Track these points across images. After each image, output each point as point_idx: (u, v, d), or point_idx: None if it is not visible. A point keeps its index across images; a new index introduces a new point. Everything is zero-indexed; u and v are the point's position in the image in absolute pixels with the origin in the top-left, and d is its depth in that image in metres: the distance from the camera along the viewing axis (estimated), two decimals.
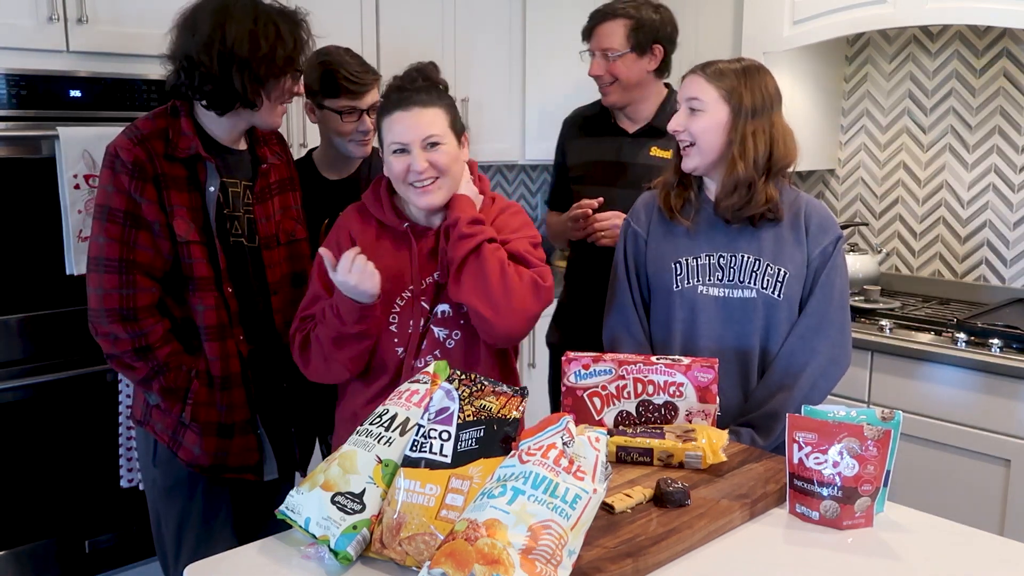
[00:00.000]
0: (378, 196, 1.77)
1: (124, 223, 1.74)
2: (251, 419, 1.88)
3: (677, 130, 1.80)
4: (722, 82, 1.76)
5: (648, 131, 2.36)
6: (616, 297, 1.93)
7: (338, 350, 1.68)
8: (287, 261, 1.95)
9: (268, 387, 1.93)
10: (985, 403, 2.45)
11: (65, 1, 2.25)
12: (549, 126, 2.72)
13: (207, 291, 1.80)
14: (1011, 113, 2.91)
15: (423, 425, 1.34)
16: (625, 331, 1.90)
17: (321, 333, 1.68)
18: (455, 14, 3.18)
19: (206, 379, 1.82)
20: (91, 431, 2.40)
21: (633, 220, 1.94)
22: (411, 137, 1.65)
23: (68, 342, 2.34)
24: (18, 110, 2.22)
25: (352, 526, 1.25)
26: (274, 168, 1.95)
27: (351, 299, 1.62)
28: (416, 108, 1.66)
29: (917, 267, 3.19)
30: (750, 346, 1.82)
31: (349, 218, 1.80)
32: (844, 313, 1.83)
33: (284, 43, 1.74)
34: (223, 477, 1.89)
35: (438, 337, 1.74)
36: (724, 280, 1.82)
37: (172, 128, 1.78)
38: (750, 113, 1.74)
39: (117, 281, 1.74)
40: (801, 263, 1.80)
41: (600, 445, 1.21)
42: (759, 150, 1.74)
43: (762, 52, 2.93)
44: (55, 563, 2.40)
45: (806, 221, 1.81)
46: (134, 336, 1.75)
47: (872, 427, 1.35)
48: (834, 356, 1.80)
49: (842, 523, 1.38)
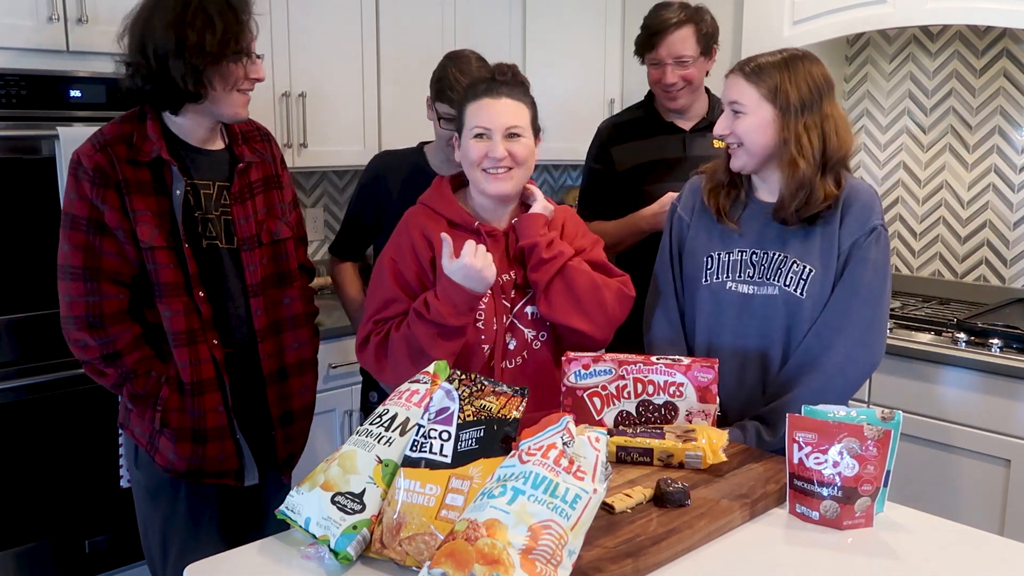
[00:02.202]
0: (444, 196, 1.79)
1: (87, 231, 1.73)
2: (228, 424, 1.85)
3: (723, 133, 1.77)
4: (763, 80, 1.71)
5: (706, 125, 2.42)
6: (658, 279, 1.93)
7: (437, 347, 1.65)
8: (270, 262, 1.91)
9: (247, 391, 1.90)
10: (985, 403, 2.45)
11: (65, 1, 2.25)
12: (549, 126, 2.71)
13: (174, 296, 1.77)
14: (1011, 113, 2.91)
15: (423, 425, 1.34)
16: (665, 326, 1.89)
17: (418, 331, 1.65)
18: (455, 14, 3.18)
19: (176, 385, 1.80)
20: (90, 431, 2.40)
21: (680, 205, 1.93)
22: (496, 123, 1.70)
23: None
24: (18, 110, 2.21)
25: (352, 526, 1.25)
26: (254, 166, 1.91)
27: (465, 288, 1.63)
28: (504, 98, 1.72)
29: (917, 267, 3.19)
30: (772, 345, 1.78)
31: (416, 217, 1.79)
32: (871, 310, 1.73)
33: (214, 28, 1.69)
34: (203, 482, 1.87)
35: (527, 338, 1.78)
36: (754, 277, 1.79)
37: (137, 132, 1.76)
38: (799, 109, 1.69)
39: (83, 289, 1.73)
40: (832, 257, 1.74)
41: (600, 445, 1.21)
42: (814, 145, 1.69)
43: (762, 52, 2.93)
44: (54, 563, 2.40)
45: (844, 209, 1.74)
46: (102, 343, 1.74)
47: (872, 427, 1.35)
48: (851, 355, 1.71)
49: (842, 523, 1.38)
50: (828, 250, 1.74)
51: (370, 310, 1.76)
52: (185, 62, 1.69)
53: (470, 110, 1.73)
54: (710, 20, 2.40)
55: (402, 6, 3.03)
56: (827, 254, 1.74)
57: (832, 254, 1.74)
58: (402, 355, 1.69)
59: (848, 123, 1.76)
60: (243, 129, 1.93)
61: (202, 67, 1.70)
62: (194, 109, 1.78)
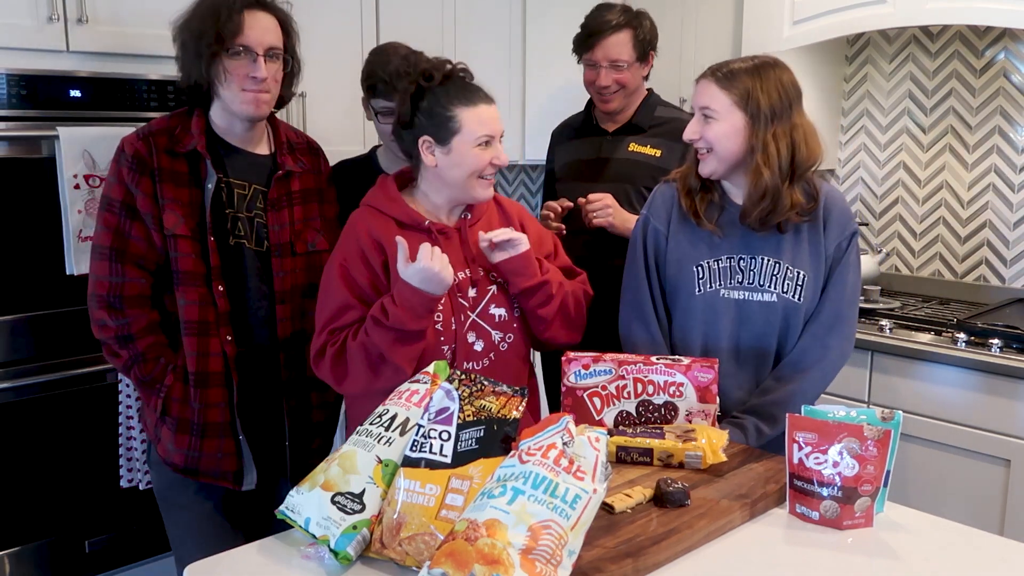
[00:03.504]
0: (390, 195, 1.75)
1: (119, 213, 1.80)
2: (230, 422, 1.85)
3: (693, 138, 1.77)
4: (735, 86, 1.70)
5: (627, 128, 2.46)
6: (633, 293, 1.89)
7: (395, 353, 1.61)
8: (303, 272, 1.92)
9: (256, 394, 1.89)
10: (985, 403, 2.45)
11: (65, 1, 2.24)
12: (549, 126, 2.72)
13: (191, 286, 1.80)
14: (1011, 113, 2.91)
15: (423, 425, 1.34)
16: (642, 327, 1.87)
17: (376, 338, 1.60)
18: (455, 14, 3.18)
19: (182, 374, 1.82)
20: (91, 431, 2.39)
21: (653, 216, 1.89)
22: (496, 130, 1.70)
23: (68, 342, 2.33)
24: (18, 110, 2.21)
25: (352, 526, 1.25)
26: (296, 177, 1.93)
27: (423, 291, 1.59)
28: (492, 104, 1.71)
29: (917, 267, 3.19)
30: (767, 346, 1.81)
31: (363, 220, 1.73)
32: (854, 309, 1.83)
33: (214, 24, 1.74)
34: (200, 481, 1.87)
35: (493, 339, 1.75)
36: (744, 283, 1.80)
37: (181, 126, 1.83)
38: (769, 117, 1.69)
39: (108, 269, 1.79)
40: (820, 261, 1.79)
41: (600, 445, 1.21)
42: (782, 154, 1.70)
43: (762, 52, 2.93)
44: (55, 563, 2.40)
45: (825, 215, 1.79)
46: (119, 324, 1.79)
47: (872, 427, 1.35)
48: (844, 351, 1.82)
49: (842, 523, 1.38)
50: (816, 255, 1.79)
51: (323, 319, 1.69)
52: (190, 56, 1.77)
53: (467, 116, 1.66)
54: (649, 26, 2.42)
55: (402, 6, 3.03)
56: (816, 258, 1.79)
57: (820, 258, 1.79)
58: (361, 364, 1.63)
59: (817, 133, 1.76)
60: (291, 139, 1.97)
61: (202, 61, 1.76)
62: (220, 105, 1.84)
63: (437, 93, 1.68)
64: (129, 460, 2.15)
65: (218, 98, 1.82)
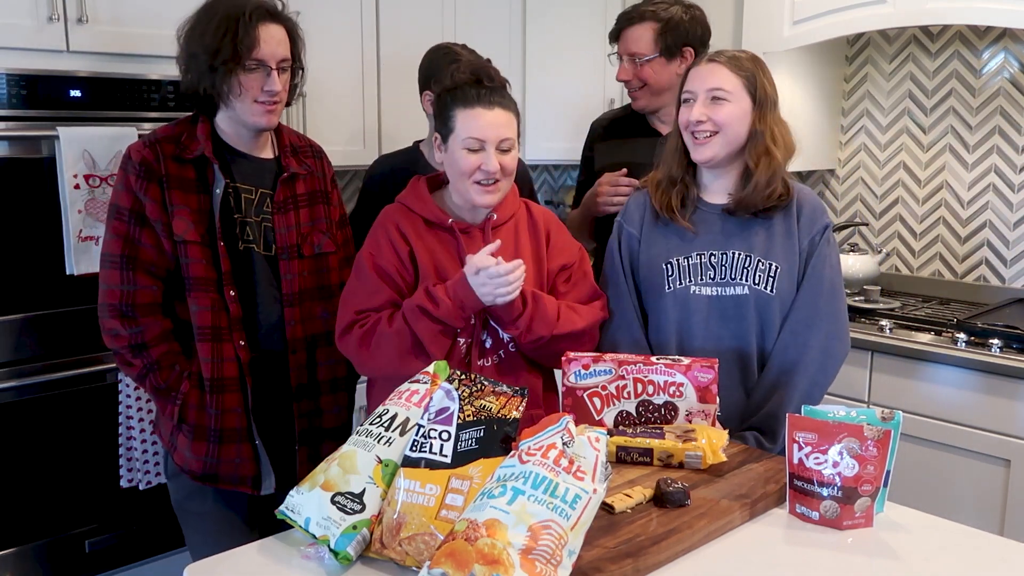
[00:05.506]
0: (420, 195, 1.80)
1: (129, 221, 1.79)
2: (247, 427, 1.85)
3: (700, 120, 1.75)
4: (742, 70, 1.75)
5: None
6: (614, 300, 1.89)
7: (435, 343, 1.67)
8: (311, 274, 1.92)
9: (271, 398, 1.89)
10: (985, 403, 2.45)
11: (65, 1, 2.25)
12: (550, 126, 2.72)
13: (203, 292, 1.80)
14: (1011, 113, 2.91)
15: (423, 425, 1.34)
16: (626, 332, 1.88)
17: (420, 328, 1.65)
18: (455, 14, 3.18)
19: (197, 381, 1.82)
20: (91, 431, 2.39)
21: (626, 221, 1.91)
22: (491, 136, 1.68)
23: (68, 342, 2.33)
24: (18, 110, 2.21)
25: (352, 526, 1.25)
26: (301, 179, 1.93)
27: (475, 294, 1.64)
28: (497, 108, 1.69)
29: (917, 267, 3.19)
30: (747, 345, 1.81)
31: (393, 214, 1.80)
32: (836, 303, 1.81)
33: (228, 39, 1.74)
34: (219, 487, 1.87)
35: (503, 338, 1.77)
36: (716, 279, 1.81)
37: (187, 133, 1.83)
38: (768, 104, 1.76)
39: (119, 277, 1.78)
40: (794, 255, 1.79)
41: (600, 445, 1.21)
42: (786, 139, 1.77)
43: (762, 52, 2.90)
44: (55, 563, 2.40)
45: (797, 210, 1.81)
46: (132, 333, 1.78)
47: (872, 427, 1.35)
48: (828, 349, 1.78)
49: (842, 523, 1.38)
50: (790, 248, 1.79)
51: (353, 302, 1.74)
52: (202, 68, 1.76)
53: (461, 117, 1.69)
54: (685, 21, 2.23)
55: (402, 6, 3.03)
56: (790, 251, 1.79)
57: (794, 251, 1.79)
58: (392, 349, 1.68)
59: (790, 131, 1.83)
60: (294, 143, 1.97)
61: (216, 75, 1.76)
62: (228, 114, 1.83)
63: (455, 92, 1.72)
64: (129, 460, 2.15)
65: (228, 108, 1.82)
